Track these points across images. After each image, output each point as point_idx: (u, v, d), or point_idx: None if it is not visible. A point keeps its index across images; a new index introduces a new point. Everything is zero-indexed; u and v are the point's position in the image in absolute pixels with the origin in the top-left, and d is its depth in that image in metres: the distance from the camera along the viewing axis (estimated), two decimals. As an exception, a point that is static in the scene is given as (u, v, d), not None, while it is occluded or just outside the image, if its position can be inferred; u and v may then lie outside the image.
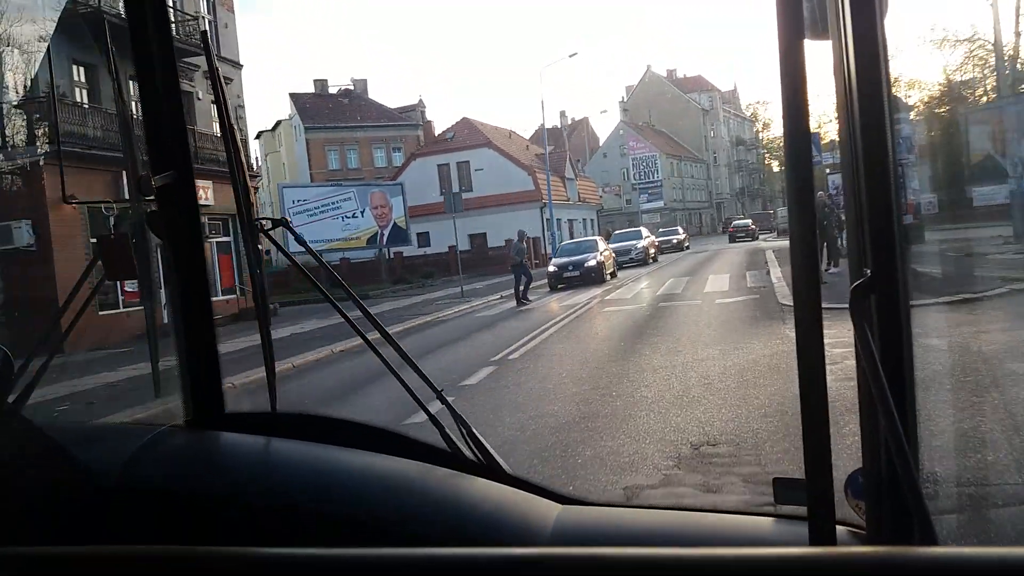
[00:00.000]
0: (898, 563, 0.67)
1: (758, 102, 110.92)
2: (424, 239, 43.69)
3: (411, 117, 57.27)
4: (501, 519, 1.23)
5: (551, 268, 25.22)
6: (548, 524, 1.21)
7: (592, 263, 24.69)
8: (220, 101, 1.50)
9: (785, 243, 41.29)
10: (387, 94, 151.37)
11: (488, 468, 1.36)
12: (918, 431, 1.04)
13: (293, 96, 56.41)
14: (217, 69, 1.50)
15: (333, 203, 36.33)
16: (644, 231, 40.19)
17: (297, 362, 12.32)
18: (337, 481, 1.31)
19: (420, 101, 61.28)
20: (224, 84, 1.71)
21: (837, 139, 1.24)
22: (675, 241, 45.14)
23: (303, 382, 10.75)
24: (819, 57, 0.90)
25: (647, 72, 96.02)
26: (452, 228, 27.81)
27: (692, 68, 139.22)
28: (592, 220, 55.37)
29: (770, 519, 1.22)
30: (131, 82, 1.55)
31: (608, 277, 25.39)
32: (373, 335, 1.53)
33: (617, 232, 36.31)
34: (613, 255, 28.53)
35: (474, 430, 1.40)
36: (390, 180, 45.48)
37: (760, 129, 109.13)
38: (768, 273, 20.61)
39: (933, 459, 1.34)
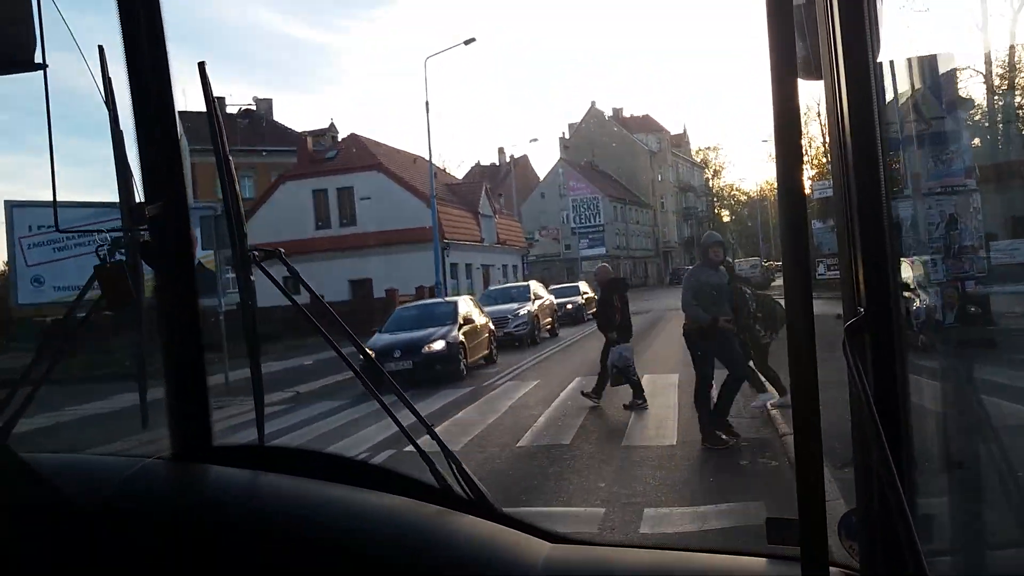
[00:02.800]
0: None
1: (709, 147, 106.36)
2: (295, 286, 33.72)
3: (320, 143, 47.93)
4: (490, 557, 1.23)
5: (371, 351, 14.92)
6: (538, 563, 1.22)
7: (438, 345, 14.14)
8: (215, 131, 1.46)
9: None
10: (296, 117, 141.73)
11: (478, 505, 1.35)
12: (913, 470, 1.05)
13: (182, 115, 46.49)
14: (214, 100, 1.47)
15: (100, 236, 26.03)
16: (584, 286, 30.63)
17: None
18: (325, 516, 1.30)
19: (332, 125, 52.05)
20: (220, 114, 1.44)
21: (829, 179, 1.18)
22: (571, 307, 28.43)
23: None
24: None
25: (591, 109, 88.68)
26: (331, 270, 18.31)
27: (640, 107, 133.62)
28: (515, 267, 45.97)
29: (763, 559, 1.22)
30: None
31: (465, 368, 14.83)
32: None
33: (507, 288, 25.66)
34: (507, 317, 18.72)
35: (464, 467, 1.40)
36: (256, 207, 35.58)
37: (710, 176, 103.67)
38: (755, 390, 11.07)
39: (928, 498, 1.22)
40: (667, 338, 19.00)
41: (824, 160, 28.85)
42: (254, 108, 54.10)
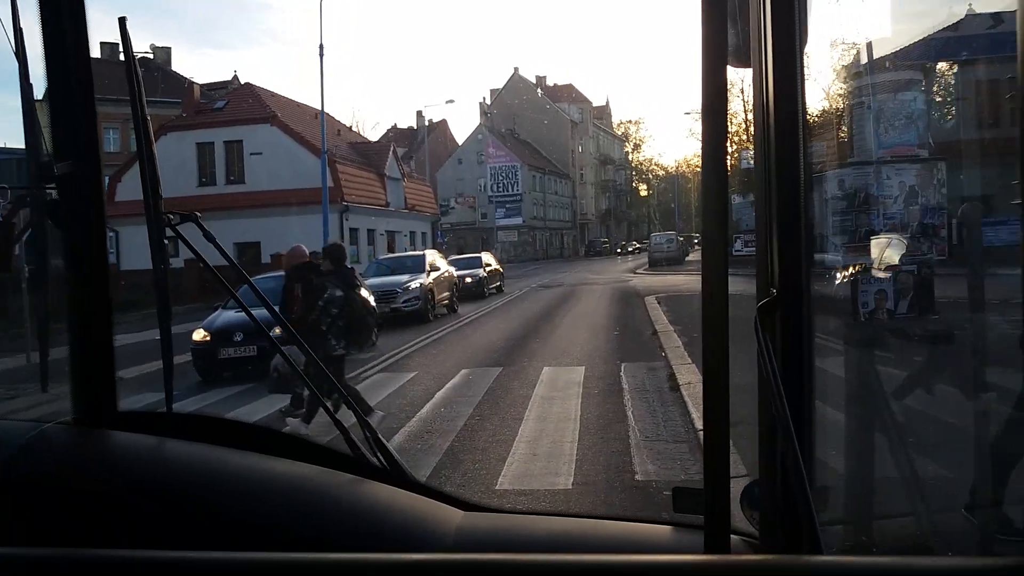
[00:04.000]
0: (771, 569, 0.75)
1: (631, 121, 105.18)
2: (174, 247, 30.22)
3: (210, 94, 43.71)
4: (403, 525, 1.24)
5: None
6: (451, 531, 1.23)
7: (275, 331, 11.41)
8: (134, 89, 1.40)
9: (669, 278, 28.52)
10: (205, 72, 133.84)
11: (392, 474, 1.36)
12: (814, 445, 1.11)
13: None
14: (133, 56, 1.44)
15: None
16: (487, 257, 28.14)
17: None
18: (234, 485, 1.27)
19: (235, 77, 47.77)
20: (139, 71, 1.45)
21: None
22: (471, 280, 25.18)
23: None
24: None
25: (514, 75, 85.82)
26: (214, 232, 14.53)
27: (563, 76, 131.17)
28: (425, 234, 43.20)
29: (668, 527, 1.27)
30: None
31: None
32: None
33: (398, 258, 22.68)
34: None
35: (380, 436, 1.41)
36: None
37: (631, 149, 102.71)
38: (674, 388, 8.94)
39: (826, 471, 1.31)
40: (575, 319, 16.81)
41: (744, 137, 27.32)
42: (151, 56, 49.74)
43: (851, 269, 2.73)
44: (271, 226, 31.14)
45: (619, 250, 75.78)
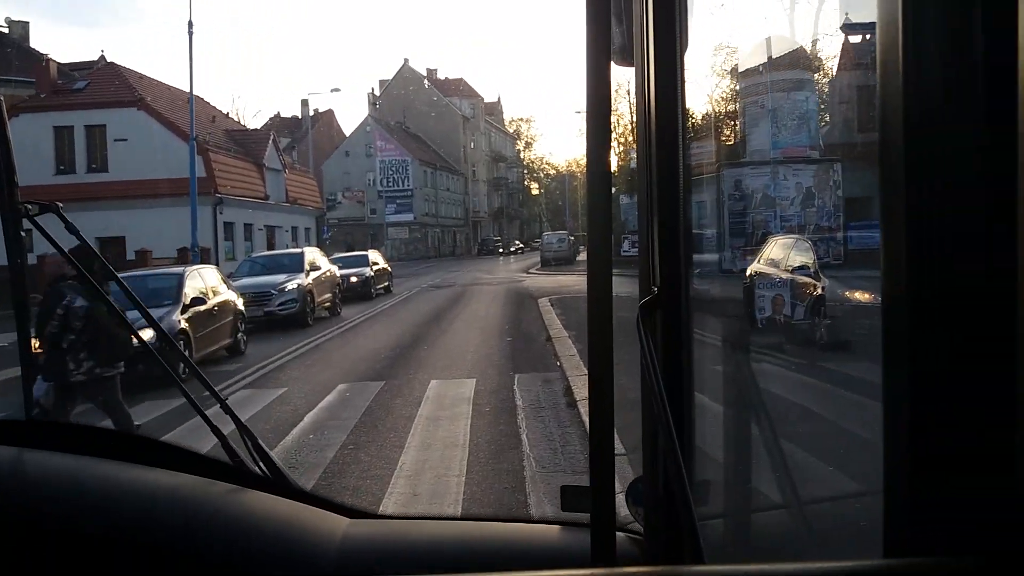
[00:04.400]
0: None
1: (522, 118, 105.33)
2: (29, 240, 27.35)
3: (82, 76, 40.07)
4: (286, 534, 1.19)
5: None
6: (336, 539, 1.20)
7: (147, 334, 7.30)
8: None
9: (561, 278, 28.17)
10: (65, 47, 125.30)
11: (275, 482, 1.31)
12: (694, 441, 1.12)
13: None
14: None
15: None
16: (374, 256, 26.74)
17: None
18: (103, 497, 1.20)
19: (102, 57, 44.06)
20: None
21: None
22: (357, 280, 23.55)
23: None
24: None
25: (404, 66, 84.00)
26: (76, 223, 12.27)
27: (454, 70, 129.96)
28: (308, 229, 41.27)
29: (556, 527, 1.27)
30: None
31: (185, 368, 11.45)
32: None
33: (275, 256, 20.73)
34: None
35: (260, 442, 1.36)
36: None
37: (522, 148, 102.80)
38: (571, 405, 8.16)
39: (707, 467, 1.38)
40: (466, 323, 15.90)
41: (630, 138, 27.21)
42: (6, 30, 45.33)
43: (748, 272, 2.63)
44: (137, 219, 28.85)
45: (501, 250, 73.93)
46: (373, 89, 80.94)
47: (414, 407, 8.20)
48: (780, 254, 2.82)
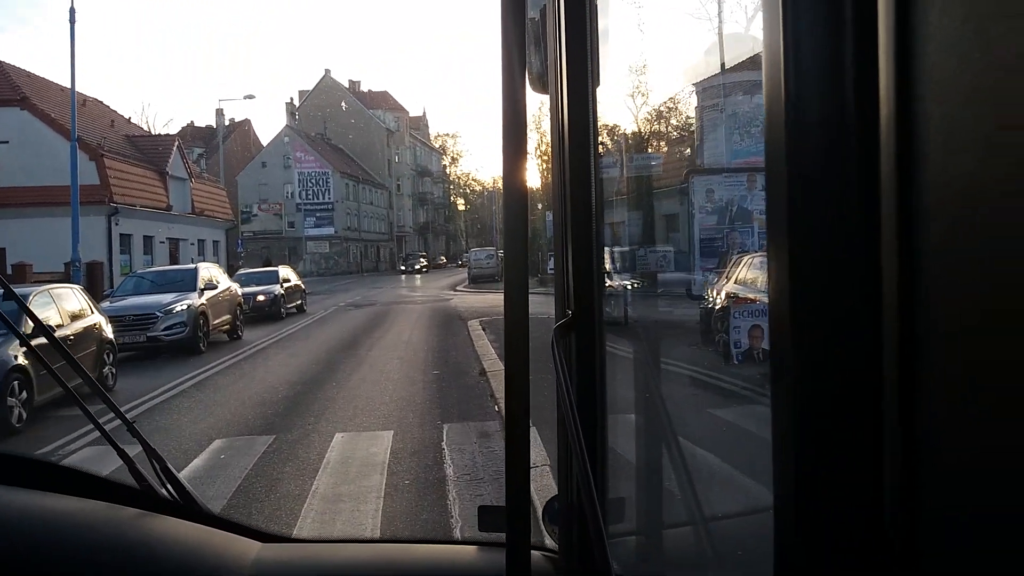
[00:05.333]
0: None
1: (448, 134, 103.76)
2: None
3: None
4: (196, 560, 1.17)
5: None
6: (247, 563, 1.18)
7: None
8: None
9: (490, 296, 26.92)
10: None
11: (184, 507, 1.29)
12: (607, 459, 1.16)
13: None
14: None
15: None
16: (285, 272, 24.25)
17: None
18: (2, 525, 1.16)
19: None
20: None
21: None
22: (264, 299, 21.37)
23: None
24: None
25: (325, 77, 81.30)
26: None
27: (378, 83, 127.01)
28: (217, 242, 38.33)
29: (472, 547, 1.27)
30: None
31: (23, 413, 8.85)
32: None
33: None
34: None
35: (169, 466, 1.32)
36: None
37: (448, 163, 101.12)
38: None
39: (621, 485, 1.43)
40: (386, 351, 13.81)
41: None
42: None
43: (720, 297, 2.56)
44: (18, 229, 25.87)
45: (403, 267, 67.98)
46: (292, 99, 77.90)
47: (308, 477, 6.16)
48: (753, 275, 2.61)
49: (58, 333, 9.54)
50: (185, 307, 14.36)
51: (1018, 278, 0.37)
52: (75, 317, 10.58)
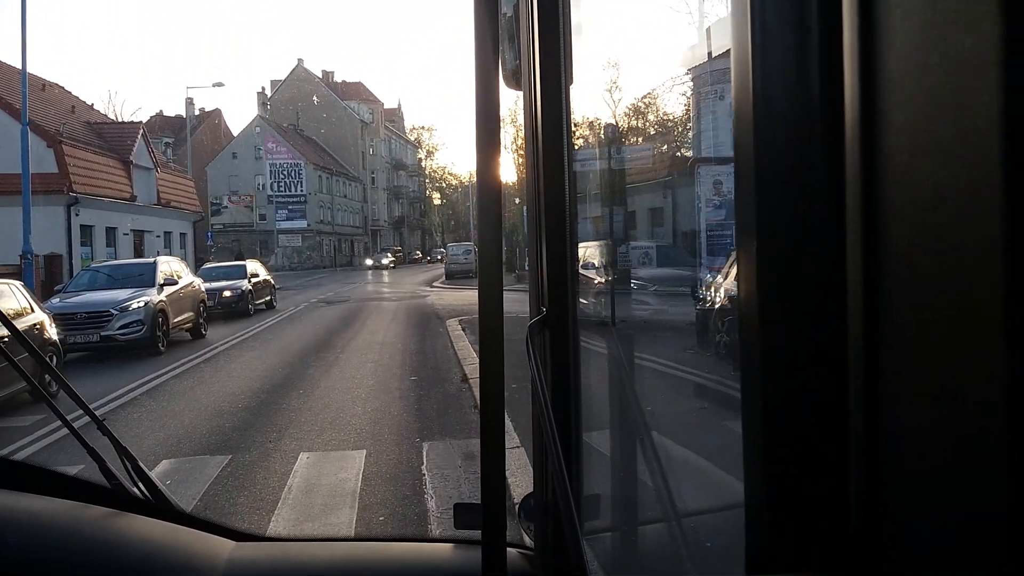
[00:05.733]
0: None
1: (423, 127, 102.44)
2: None
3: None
4: (168, 559, 1.16)
5: None
6: (220, 563, 1.17)
7: None
8: None
9: (467, 293, 26.22)
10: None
11: (155, 505, 1.27)
12: (583, 456, 1.16)
13: None
14: None
15: None
16: (253, 266, 23.14)
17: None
18: None
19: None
20: None
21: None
22: (231, 294, 20.41)
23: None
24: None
25: (298, 67, 79.65)
26: None
27: (352, 74, 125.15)
28: (185, 235, 37.03)
29: (448, 545, 1.27)
30: None
31: None
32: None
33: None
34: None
35: (140, 464, 1.30)
36: None
37: (424, 156, 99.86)
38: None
39: (596, 482, 1.38)
40: (359, 354, 12.90)
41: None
42: None
43: (719, 296, 2.53)
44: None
45: (369, 262, 63.75)
46: (264, 88, 76.31)
47: (265, 512, 5.28)
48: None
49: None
50: (143, 304, 13.34)
51: (980, 279, 0.37)
52: (14, 316, 9.57)
